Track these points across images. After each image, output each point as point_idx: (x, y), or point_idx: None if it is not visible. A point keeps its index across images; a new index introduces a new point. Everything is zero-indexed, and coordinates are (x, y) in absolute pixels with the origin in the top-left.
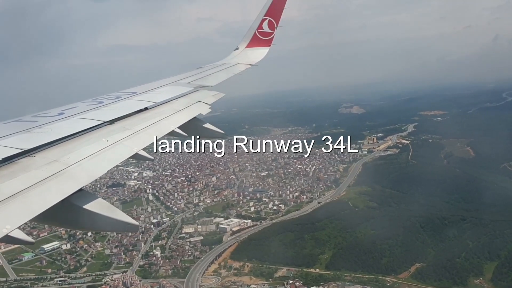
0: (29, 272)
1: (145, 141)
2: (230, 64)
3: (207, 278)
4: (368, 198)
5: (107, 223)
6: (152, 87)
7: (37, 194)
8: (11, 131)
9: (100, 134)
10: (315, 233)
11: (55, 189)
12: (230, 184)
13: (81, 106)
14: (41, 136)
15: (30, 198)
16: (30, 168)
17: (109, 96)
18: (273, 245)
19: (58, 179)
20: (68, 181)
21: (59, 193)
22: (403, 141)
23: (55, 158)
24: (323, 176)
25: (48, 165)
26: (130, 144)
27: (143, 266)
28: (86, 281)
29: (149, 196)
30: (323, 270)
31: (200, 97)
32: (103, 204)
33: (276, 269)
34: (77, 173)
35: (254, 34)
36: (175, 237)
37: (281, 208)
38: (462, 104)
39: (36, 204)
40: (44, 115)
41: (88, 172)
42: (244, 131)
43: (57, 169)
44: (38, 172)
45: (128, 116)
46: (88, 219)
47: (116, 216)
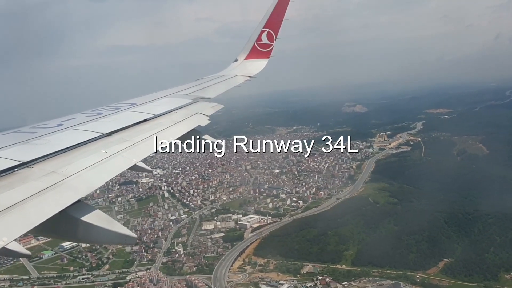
0: (51, 270)
1: (144, 153)
2: (229, 76)
3: (233, 274)
4: (388, 194)
5: (104, 235)
6: (151, 98)
7: (35, 206)
8: (10, 142)
9: (98, 145)
10: (338, 229)
11: (53, 201)
12: (244, 181)
13: (80, 117)
14: (40, 148)
15: (28, 210)
16: (28, 179)
17: (108, 107)
18: (297, 241)
19: (56, 190)
20: (66, 193)
21: (57, 205)
22: (414, 139)
23: (53, 169)
24: (337, 173)
25: (46, 176)
26: (129, 156)
27: (166, 263)
28: (110, 279)
29: (164, 193)
30: (350, 266)
31: (199, 108)
32: (101, 216)
33: (301, 265)
34: (75, 184)
35: (253, 46)
36: (196, 234)
37: (300, 205)
38: (466, 102)
39: (34, 216)
40: (43, 126)
41: (86, 183)
42: (248, 130)
43: (55, 180)
44: (36, 183)
45: (127, 127)
46: (86, 231)
47: (113, 228)
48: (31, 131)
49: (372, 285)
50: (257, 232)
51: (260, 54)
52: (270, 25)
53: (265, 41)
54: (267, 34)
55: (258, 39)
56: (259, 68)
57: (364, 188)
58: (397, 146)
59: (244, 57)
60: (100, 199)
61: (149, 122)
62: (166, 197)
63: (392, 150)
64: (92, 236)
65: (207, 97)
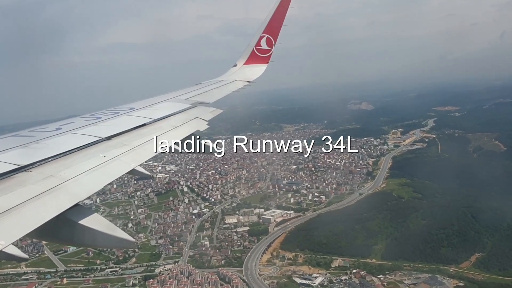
0: (77, 263)
1: (142, 157)
2: (228, 81)
3: (263, 267)
4: (411, 189)
5: (103, 239)
6: (151, 102)
7: (33, 209)
8: (8, 146)
9: (97, 149)
10: (365, 223)
11: (51, 204)
12: (262, 177)
13: (78, 122)
14: (38, 152)
15: (26, 213)
16: (26, 183)
17: (107, 112)
18: (324, 236)
19: (54, 194)
20: (64, 196)
21: (55, 208)
22: (429, 136)
23: (52, 173)
24: (355, 169)
25: (45, 180)
26: (128, 160)
27: (194, 256)
28: (138, 272)
29: (183, 188)
30: (379, 260)
31: (198, 113)
32: (99, 220)
33: (331, 259)
34: (74, 188)
35: (252, 51)
36: (220, 227)
37: (322, 200)
38: (474, 100)
39: (32, 219)
40: (42, 130)
41: (84, 187)
42: (255, 128)
43: (53, 184)
44: (34, 187)
45: (126, 132)
46: (83, 235)
47: (111, 232)
48: (29, 135)
49: (409, 278)
50: (282, 226)
51: (259, 60)
52: (269, 30)
53: (264, 46)
54: (266, 40)
55: (257, 45)
56: (258, 73)
57: (385, 184)
58: (412, 143)
59: (243, 62)
60: (119, 193)
61: (148, 126)
62: (185, 191)
63: (407, 147)
64: (90, 239)
65: (206, 102)
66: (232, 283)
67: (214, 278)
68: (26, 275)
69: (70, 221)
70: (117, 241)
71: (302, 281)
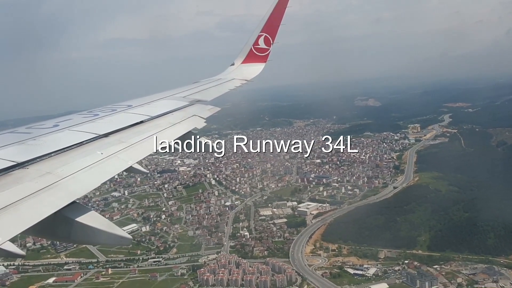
0: (117, 254)
1: (140, 154)
2: (226, 80)
3: (310, 258)
4: (447, 182)
5: (99, 236)
6: (148, 100)
7: (29, 206)
8: (5, 143)
9: (95, 146)
10: (407, 215)
11: (48, 202)
12: (288, 171)
13: (76, 118)
14: (35, 148)
15: (22, 210)
16: (23, 180)
17: (105, 109)
18: (366, 228)
19: (51, 191)
20: (61, 194)
21: (52, 206)
22: (449, 131)
23: (49, 170)
24: (382, 163)
25: (41, 177)
26: (125, 157)
27: (235, 247)
28: (182, 262)
29: (211, 181)
30: (426, 251)
31: (196, 111)
32: (96, 217)
33: (377, 251)
34: (71, 185)
35: (250, 50)
36: (255, 219)
37: (357, 193)
38: (483, 97)
39: (29, 216)
40: (39, 127)
41: (81, 184)
42: (265, 123)
43: (50, 181)
44: (31, 184)
45: (123, 129)
46: (80, 232)
47: (108, 229)
48: (27, 131)
49: (465, 268)
50: (320, 219)
51: (257, 58)
52: (267, 29)
53: (262, 45)
54: (264, 39)
55: (255, 44)
56: (256, 72)
57: (418, 177)
58: (434, 137)
59: (241, 61)
60: (146, 186)
61: (145, 123)
62: (213, 184)
63: (429, 141)
64: (88, 237)
65: (203, 100)
66: (286, 273)
67: (266, 268)
68: (68, 265)
69: (67, 218)
70: (114, 238)
71: (356, 271)
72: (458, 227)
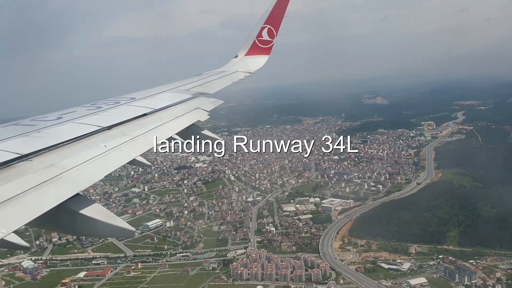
0: (144, 249)
1: (143, 147)
2: (229, 72)
3: (340, 253)
4: (471, 178)
5: (103, 228)
6: (151, 93)
7: (33, 198)
8: (9, 135)
9: (98, 139)
10: (434, 211)
11: (52, 194)
12: (307, 167)
13: (79, 111)
14: (39, 140)
15: (26, 202)
16: (27, 172)
17: (108, 101)
18: (393, 223)
19: (55, 183)
20: (65, 186)
21: (56, 198)
22: (465, 128)
23: (52, 163)
24: (401, 160)
25: (45, 169)
26: (128, 150)
27: (262, 242)
28: (210, 256)
29: (230, 177)
30: (456, 246)
31: (199, 104)
32: (100, 210)
33: (407, 246)
34: (74, 178)
35: (253, 42)
36: (279, 215)
37: (380, 189)
38: (493, 95)
39: (32, 208)
40: (43, 119)
41: (85, 177)
42: (274, 120)
43: (54, 173)
44: (35, 177)
45: (126, 121)
46: (84, 224)
47: (112, 221)
48: (30, 123)
49: (502, 263)
50: (346, 215)
51: (260, 51)
52: (271, 21)
53: (266, 37)
54: (267, 31)
55: (258, 36)
56: (259, 64)
57: (441, 174)
58: (450, 134)
59: (244, 53)
60: (165, 182)
61: (148, 116)
62: (233, 180)
63: (445, 138)
64: (91, 229)
65: (207, 93)
66: (320, 268)
67: (299, 262)
68: (96, 260)
69: (71, 210)
70: (117, 230)
71: (390, 266)
72: (488, 222)
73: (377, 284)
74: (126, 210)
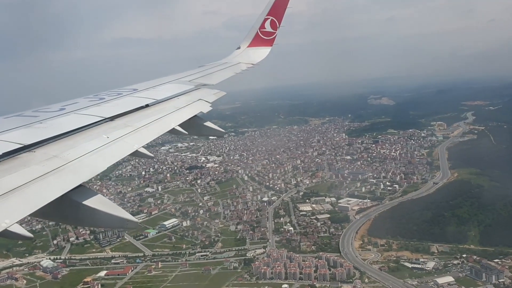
0: (162, 248)
1: (146, 138)
2: (232, 63)
3: (361, 253)
4: (488, 178)
5: (106, 219)
6: (154, 84)
7: (37, 189)
8: (12, 126)
9: (101, 130)
10: (454, 210)
11: (55, 185)
12: (320, 167)
13: (82, 102)
14: (42, 131)
15: (30, 193)
16: (30, 163)
17: (111, 93)
18: (413, 223)
19: (58, 174)
20: (68, 177)
21: (59, 189)
22: (476, 128)
23: (56, 154)
24: (414, 159)
25: (48, 160)
26: (131, 141)
27: (281, 241)
28: (230, 255)
29: (243, 177)
30: (478, 246)
31: (202, 95)
32: (103, 201)
33: (428, 245)
34: (77, 169)
35: (256, 33)
36: (296, 214)
37: (396, 189)
38: (500, 95)
39: (36, 199)
40: (45, 110)
41: (88, 168)
42: (280, 121)
43: (57, 164)
44: (38, 167)
45: (129, 112)
46: (87, 215)
47: (115, 212)
48: (33, 114)
49: None
50: (363, 214)
51: (263, 42)
52: (274, 13)
53: (268, 29)
54: (270, 22)
55: (261, 27)
56: (262, 56)
57: (457, 173)
58: (462, 134)
59: (247, 45)
60: (178, 182)
61: (151, 107)
62: (246, 180)
63: (457, 138)
64: (94, 220)
65: (209, 84)
66: (344, 266)
67: (322, 262)
68: (115, 259)
69: (74, 201)
70: (121, 221)
71: (414, 265)
72: (509, 222)
73: (403, 283)
74: (141, 209)
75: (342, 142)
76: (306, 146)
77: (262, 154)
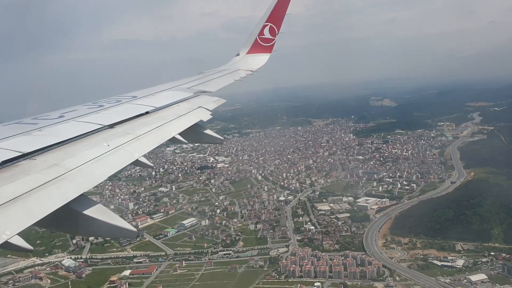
0: (183, 247)
1: (146, 147)
2: (231, 70)
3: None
4: (505, 177)
5: (106, 229)
6: (153, 91)
7: (38, 199)
8: (11, 133)
9: (100, 138)
10: (475, 209)
11: (56, 194)
12: (333, 167)
13: (81, 109)
14: (41, 139)
15: (31, 203)
16: (31, 172)
17: (110, 100)
18: (435, 221)
19: (59, 183)
20: (69, 186)
21: (60, 199)
22: (486, 128)
23: (56, 162)
24: (427, 159)
25: (49, 168)
26: (131, 150)
27: (302, 240)
28: (253, 254)
29: (257, 177)
30: (502, 244)
31: (201, 102)
32: (102, 210)
33: (452, 243)
34: (78, 178)
35: (255, 40)
36: (315, 214)
37: (414, 188)
38: (504, 96)
39: (37, 209)
40: (45, 118)
41: (88, 177)
42: (284, 122)
43: (58, 173)
44: (38, 176)
45: (129, 120)
46: (88, 225)
47: (115, 222)
48: (32, 122)
49: None
50: (384, 213)
51: (262, 49)
52: (273, 19)
53: (267, 35)
54: (269, 29)
55: (260, 34)
56: (261, 62)
57: (474, 173)
58: (471, 135)
59: (246, 51)
60: (191, 182)
61: (151, 115)
62: (260, 180)
63: (467, 138)
64: (95, 229)
65: (209, 91)
66: (374, 265)
67: (349, 260)
68: (137, 259)
69: (74, 211)
70: (120, 230)
71: (443, 263)
72: None
73: (435, 280)
74: (158, 208)
75: (351, 142)
76: (315, 146)
77: (272, 154)
